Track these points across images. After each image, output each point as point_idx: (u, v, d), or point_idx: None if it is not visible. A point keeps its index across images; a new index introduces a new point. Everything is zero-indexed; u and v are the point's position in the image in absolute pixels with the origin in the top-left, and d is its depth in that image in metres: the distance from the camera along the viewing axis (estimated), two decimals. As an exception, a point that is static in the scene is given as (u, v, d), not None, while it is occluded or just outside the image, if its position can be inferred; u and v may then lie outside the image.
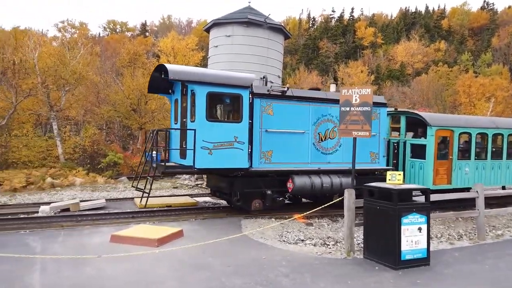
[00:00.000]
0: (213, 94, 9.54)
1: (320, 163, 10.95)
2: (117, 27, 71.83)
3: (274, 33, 19.97)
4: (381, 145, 11.77)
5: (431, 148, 11.63)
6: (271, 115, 10.26)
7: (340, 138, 11.23)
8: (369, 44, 70.54)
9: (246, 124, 9.71)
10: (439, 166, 11.87)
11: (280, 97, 10.46)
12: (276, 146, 10.33)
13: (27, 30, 32.75)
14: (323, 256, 7.15)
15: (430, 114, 13.83)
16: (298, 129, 10.63)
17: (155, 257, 6.55)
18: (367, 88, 8.49)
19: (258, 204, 10.33)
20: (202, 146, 9.21)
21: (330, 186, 10.60)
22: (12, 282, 5.44)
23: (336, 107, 11.08)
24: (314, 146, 10.88)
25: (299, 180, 10.26)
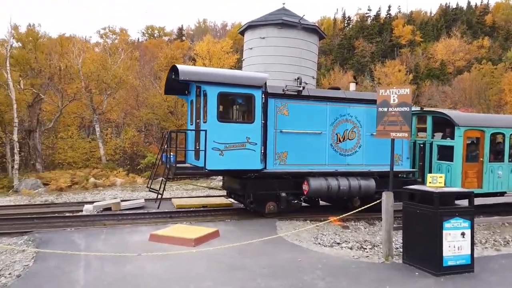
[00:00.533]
0: (225, 94, 9.43)
1: (338, 164, 10.61)
2: (155, 32, 73.96)
3: (308, 33, 19.85)
4: (405, 147, 11.25)
5: (459, 149, 10.95)
6: (286, 116, 10.08)
7: (360, 139, 10.88)
8: (407, 42, 68.43)
9: (258, 125, 9.53)
10: (468, 168, 11.15)
11: (296, 97, 10.24)
12: (291, 147, 10.11)
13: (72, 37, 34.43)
14: (360, 260, 7.02)
15: (458, 113, 13.00)
16: (314, 130, 10.37)
17: (192, 256, 6.68)
18: (405, 88, 8.24)
19: (273, 207, 10.09)
20: (213, 147, 9.11)
21: (348, 189, 10.22)
22: (59, 277, 5.74)
23: (356, 106, 10.76)
24: (332, 147, 10.57)
25: (314, 182, 9.97)
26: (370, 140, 10.84)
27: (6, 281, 5.65)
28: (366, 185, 10.38)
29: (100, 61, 23.54)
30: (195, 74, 9.48)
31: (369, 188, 10.44)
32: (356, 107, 10.82)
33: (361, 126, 10.86)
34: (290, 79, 19.07)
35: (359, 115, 10.84)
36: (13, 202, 14.22)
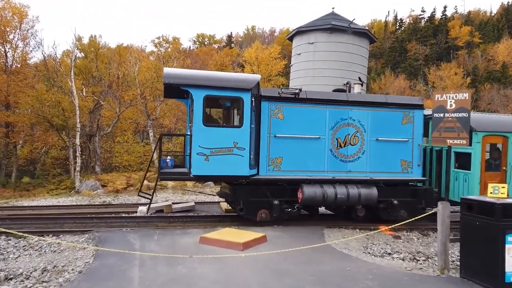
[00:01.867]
0: (211, 98, 9.08)
1: (339, 171, 10.02)
2: (206, 40, 76.12)
3: (358, 37, 19.52)
4: (415, 153, 10.40)
5: (477, 157, 10.03)
6: (281, 119, 9.64)
7: (363, 145, 10.14)
8: (464, 44, 64.84)
9: (247, 129, 9.09)
10: (488, 178, 10.13)
11: (292, 100, 9.79)
12: (286, 153, 9.68)
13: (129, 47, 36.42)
14: (413, 272, 6.73)
15: (478, 116, 11.72)
16: (312, 134, 9.84)
17: (240, 260, 6.78)
18: (464, 92, 7.84)
19: (265, 215, 9.67)
20: (198, 152, 8.83)
21: (346, 197, 9.61)
22: (116, 275, 6.06)
23: (359, 109, 10.14)
24: (332, 153, 9.99)
25: (308, 189, 9.46)
26: (375, 146, 10.22)
27: (69, 276, 6.07)
28: (367, 194, 9.72)
29: (154, 69, 24.69)
30: (179, 77, 9.18)
31: (370, 197, 9.78)
32: (360, 110, 10.18)
33: (365, 130, 10.20)
34: (339, 84, 18.85)
35: (363, 119, 10.19)
36: (75, 202, 15.26)
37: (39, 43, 35.15)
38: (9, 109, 27.76)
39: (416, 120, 10.41)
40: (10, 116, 26.76)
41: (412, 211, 10.16)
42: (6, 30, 28.32)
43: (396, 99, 11.01)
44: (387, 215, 10.27)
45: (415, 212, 10.21)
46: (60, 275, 6.17)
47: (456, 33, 67.10)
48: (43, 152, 31.25)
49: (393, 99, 10.70)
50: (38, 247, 8.02)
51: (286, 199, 9.80)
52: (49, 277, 6.14)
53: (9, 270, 6.48)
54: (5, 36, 28.35)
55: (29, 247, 8.05)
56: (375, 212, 10.39)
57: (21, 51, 29.40)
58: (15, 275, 6.30)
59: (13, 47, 29.01)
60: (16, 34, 29.11)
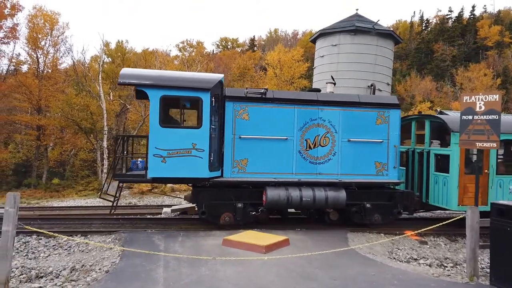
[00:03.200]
0: (168, 98, 8.86)
1: (308, 174, 9.69)
2: (229, 43, 76.73)
3: (383, 39, 19.23)
4: (391, 154, 9.96)
5: (455, 159, 9.57)
6: (246, 120, 9.41)
7: (334, 146, 9.78)
8: (494, 44, 62.70)
9: (206, 130, 8.84)
10: (468, 182, 9.60)
11: (258, 100, 9.50)
12: (252, 154, 9.42)
13: (154, 51, 37.16)
14: (441, 278, 6.55)
15: (455, 116, 11.00)
16: (279, 135, 9.55)
17: (263, 263, 6.78)
18: (494, 94, 7.58)
19: (228, 218, 9.38)
20: (154, 154, 8.63)
21: (312, 201, 9.26)
22: (142, 275, 6.18)
23: (330, 109, 9.80)
24: (301, 154, 9.67)
25: (272, 192, 9.18)
26: (347, 147, 9.86)
27: (96, 276, 6.23)
28: (334, 197, 9.35)
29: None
30: (135, 77, 9.01)
31: (338, 200, 9.43)
32: (330, 110, 9.81)
33: (336, 131, 9.85)
34: (363, 86, 18.62)
35: (334, 119, 9.83)
36: (102, 203, 15.63)
37: (68, 49, 36.38)
38: (41, 112, 28.87)
39: (392, 120, 10.03)
40: (42, 119, 27.83)
41: (387, 215, 9.97)
42: (38, 37, 29.48)
43: (370, 98, 10.70)
44: (360, 219, 9.90)
45: (390, 216, 10.01)
46: (88, 274, 6.35)
47: (485, 33, 65.03)
48: (72, 154, 32.29)
49: (367, 98, 10.40)
50: (67, 247, 8.28)
51: (251, 202, 9.50)
52: (77, 276, 6.32)
53: (40, 269, 6.72)
54: (37, 43, 29.53)
55: (58, 247, 8.32)
56: (347, 216, 10.05)
57: (52, 57, 30.54)
58: (46, 273, 6.52)
59: (44, 53, 30.18)
60: (47, 40, 30.27)
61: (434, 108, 38.01)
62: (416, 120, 11.47)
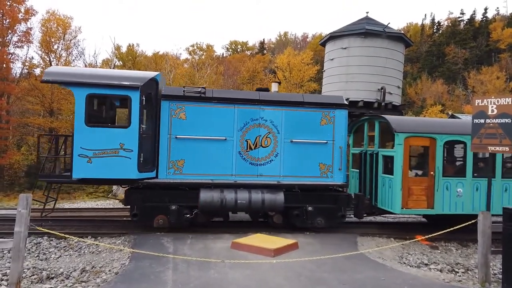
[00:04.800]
0: (95, 96, 8.64)
1: (248, 175, 9.42)
2: (238, 47, 77.02)
3: (393, 42, 19.10)
4: (336, 156, 9.69)
5: (399, 160, 9.28)
6: (183, 120, 9.15)
7: (276, 147, 9.50)
8: (507, 46, 61.89)
9: (135, 130, 8.54)
10: (413, 184, 9.39)
11: (196, 99, 9.25)
12: (189, 155, 9.17)
13: (165, 54, 37.47)
14: (452, 284, 6.47)
15: (401, 117, 10.81)
16: (217, 136, 9.30)
17: (272, 266, 6.76)
18: (506, 97, 7.48)
19: (162, 221, 9.06)
20: (79, 154, 8.34)
21: (247, 203, 9.02)
22: (151, 277, 6.22)
23: (272, 109, 9.56)
24: (241, 155, 9.41)
25: (205, 194, 8.94)
26: (290, 148, 9.59)
27: (106, 277, 6.29)
28: (271, 200, 9.09)
29: (188, 76, 25.32)
30: (60, 75, 8.71)
31: (275, 202, 9.17)
32: (272, 110, 9.56)
33: (279, 131, 9.59)
34: (374, 89, 18.50)
35: (276, 119, 9.58)
36: (111, 205, 15.80)
37: (81, 53, 36.88)
38: (53, 115, 29.29)
39: (338, 121, 9.76)
40: (54, 122, 28.21)
41: (331, 219, 9.69)
42: (51, 41, 29.96)
43: (315, 98, 10.45)
44: (301, 223, 9.60)
45: (334, 220, 9.72)
46: (98, 275, 6.41)
47: (498, 35, 64.25)
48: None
49: (311, 98, 10.12)
50: (78, 248, 8.37)
51: (187, 205, 9.20)
52: (87, 277, 6.39)
53: (51, 270, 6.80)
54: (50, 46, 30.00)
55: (69, 248, 8.42)
56: (289, 219, 9.74)
57: (64, 60, 30.99)
58: (56, 274, 6.60)
59: (57, 57, 30.64)
60: (60, 44, 30.74)
61: (446, 111, 37.63)
62: (368, 121, 11.20)
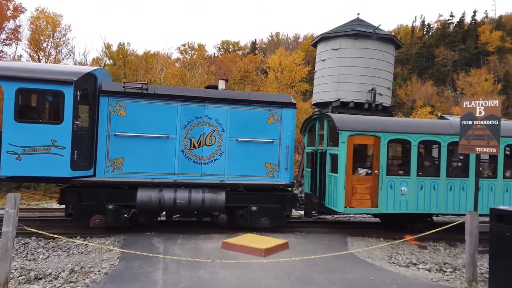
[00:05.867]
0: (26, 91, 8.32)
1: (191, 174, 9.28)
2: (230, 46, 76.91)
3: (384, 43, 19.27)
4: (282, 155, 9.61)
5: (342, 159, 9.28)
6: (123, 117, 8.95)
7: (221, 146, 9.43)
8: (495, 49, 62.86)
9: (68, 126, 8.27)
10: (357, 182, 9.41)
11: (138, 96, 9.07)
12: (129, 153, 8.97)
13: (156, 54, 37.28)
14: (440, 283, 6.55)
15: (346, 115, 10.74)
16: (159, 133, 9.12)
17: (262, 266, 6.78)
18: (494, 99, 7.61)
19: (99, 221, 8.83)
20: (8, 151, 8.04)
21: (186, 203, 8.84)
22: (140, 277, 6.18)
23: (217, 107, 9.44)
24: (184, 154, 9.25)
25: (142, 194, 8.75)
26: (235, 147, 9.48)
27: (95, 278, 6.23)
28: (212, 199, 8.94)
29: (180, 76, 25.22)
30: None
31: (216, 202, 9.01)
32: (217, 107, 9.45)
33: (224, 130, 9.46)
34: (364, 90, 18.64)
35: (221, 118, 9.46)
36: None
37: (70, 51, 36.45)
38: None
39: (285, 120, 9.68)
40: (42, 121, 27.82)
41: (276, 219, 9.60)
42: (40, 39, 29.60)
43: (261, 96, 10.37)
44: (246, 223, 9.45)
45: (279, 220, 9.65)
46: (87, 276, 6.35)
47: (486, 38, 65.21)
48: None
49: (257, 96, 10.02)
50: (66, 248, 8.28)
51: (126, 204, 8.94)
52: (76, 277, 6.33)
53: (39, 270, 6.72)
54: (39, 44, 29.64)
55: (58, 248, 8.33)
56: (234, 219, 9.63)
57: (54, 59, 30.64)
58: (44, 275, 6.52)
59: (46, 55, 30.29)
60: (49, 42, 30.39)
61: (435, 113, 38.07)
62: (319, 119, 11.19)
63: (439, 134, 9.82)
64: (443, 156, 9.75)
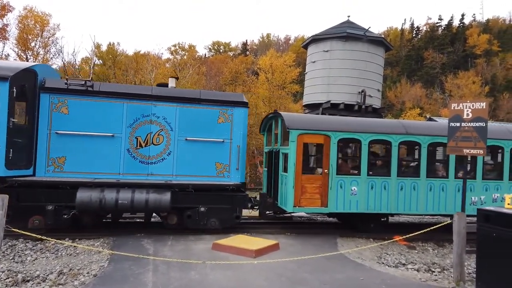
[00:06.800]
0: None
1: (138, 174, 9.07)
2: (221, 47, 76.84)
3: (374, 46, 19.46)
4: (233, 155, 9.46)
5: (292, 158, 9.19)
6: (65, 114, 8.72)
7: (169, 145, 9.24)
8: (482, 52, 63.96)
9: (3, 124, 7.96)
10: (306, 182, 9.34)
11: (81, 93, 8.81)
12: (71, 152, 8.72)
13: (146, 54, 37.06)
14: (428, 283, 6.63)
15: (296, 114, 10.66)
16: (104, 132, 8.88)
17: (253, 267, 6.78)
18: (481, 102, 7.73)
19: (38, 222, 8.50)
20: None
21: (129, 204, 8.54)
22: (130, 279, 6.14)
23: (165, 105, 9.24)
24: (130, 153, 9.04)
25: (82, 194, 8.41)
26: (184, 146, 9.31)
27: (84, 279, 6.16)
28: (156, 200, 8.65)
29: (170, 76, 25.12)
30: None
31: (160, 203, 8.71)
32: (165, 106, 9.25)
33: (172, 129, 9.29)
34: (355, 92, 18.80)
35: (169, 116, 9.28)
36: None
37: (59, 51, 36.04)
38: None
39: (236, 119, 9.53)
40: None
41: (226, 220, 9.45)
42: (28, 38, 29.22)
43: (212, 95, 10.22)
44: (194, 224, 9.26)
45: (229, 221, 9.52)
46: (75, 278, 6.28)
47: (474, 41, 66.29)
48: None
49: (208, 95, 9.87)
50: (55, 250, 8.17)
51: (67, 205, 8.60)
52: (65, 279, 6.25)
53: (27, 272, 6.62)
54: (27, 44, 29.25)
55: (46, 250, 8.20)
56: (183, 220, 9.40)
57: (42, 58, 30.26)
58: (32, 277, 6.43)
59: (34, 54, 29.90)
60: (37, 41, 30.01)
61: (424, 114, 38.50)
62: (274, 119, 11.06)
63: (390, 133, 9.75)
64: (394, 156, 9.70)
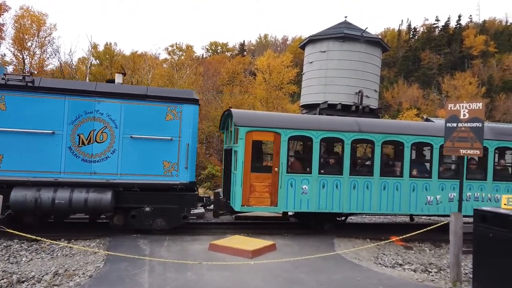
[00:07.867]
0: None
1: (80, 173, 8.75)
2: (218, 48, 76.78)
3: (371, 46, 19.49)
4: (182, 154, 9.18)
5: (240, 155, 8.99)
6: (2, 110, 8.43)
7: (114, 142, 8.93)
8: (479, 53, 64.17)
9: None
10: (255, 180, 9.10)
11: (19, 88, 8.52)
12: (8, 150, 8.43)
13: (143, 54, 36.99)
14: (425, 283, 6.63)
15: (246, 111, 10.38)
16: (44, 129, 8.57)
17: (250, 268, 6.76)
18: (477, 102, 7.73)
19: None
20: None
21: (67, 203, 8.30)
22: (126, 280, 6.10)
23: (109, 102, 8.99)
24: (72, 151, 8.71)
25: (16, 193, 8.20)
26: (129, 144, 9.01)
27: (80, 280, 6.13)
28: (96, 200, 8.41)
29: (167, 77, 25.07)
30: None
31: (100, 203, 8.47)
32: (110, 102, 8.97)
33: (117, 126, 8.98)
34: (352, 92, 18.82)
35: (114, 113, 8.98)
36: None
37: (56, 50, 35.91)
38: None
39: (185, 116, 9.24)
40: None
41: (173, 220, 9.27)
42: (24, 38, 29.10)
43: (159, 91, 9.91)
44: (139, 224, 9.09)
45: (175, 221, 9.34)
46: (71, 279, 6.24)
47: (471, 42, 66.52)
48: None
49: (155, 91, 9.58)
50: (50, 251, 8.13)
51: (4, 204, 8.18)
52: (60, 280, 6.21)
53: (22, 273, 6.58)
54: (24, 43, 29.14)
55: (41, 251, 8.16)
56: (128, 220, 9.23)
57: (39, 58, 30.14)
58: (27, 278, 6.38)
59: (30, 54, 29.78)
60: (34, 41, 29.89)
61: (421, 115, 38.61)
62: (229, 116, 10.70)
63: (342, 131, 9.54)
64: (347, 154, 9.50)
